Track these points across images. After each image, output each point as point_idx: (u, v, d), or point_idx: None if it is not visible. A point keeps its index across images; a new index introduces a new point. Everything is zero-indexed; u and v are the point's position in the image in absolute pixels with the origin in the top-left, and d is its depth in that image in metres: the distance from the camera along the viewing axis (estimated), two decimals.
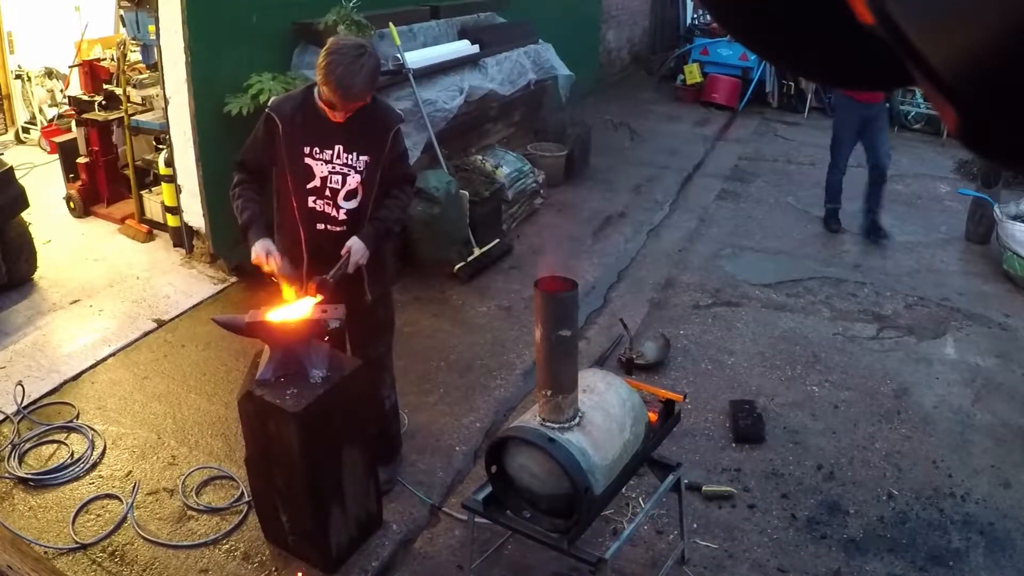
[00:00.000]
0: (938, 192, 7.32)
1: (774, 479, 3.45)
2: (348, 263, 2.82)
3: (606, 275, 5.31)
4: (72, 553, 2.90)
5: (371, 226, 2.91)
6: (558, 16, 8.23)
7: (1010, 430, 3.84)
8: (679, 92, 10.53)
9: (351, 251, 2.83)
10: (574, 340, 2.43)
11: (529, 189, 6.14)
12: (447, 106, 5.43)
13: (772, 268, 5.55)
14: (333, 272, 2.77)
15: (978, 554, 3.08)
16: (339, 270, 2.79)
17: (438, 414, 3.78)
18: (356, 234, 2.87)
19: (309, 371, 2.69)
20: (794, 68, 0.55)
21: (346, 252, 2.83)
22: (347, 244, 2.84)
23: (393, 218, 2.99)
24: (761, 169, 7.80)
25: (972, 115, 0.36)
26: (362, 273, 2.94)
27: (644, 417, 2.69)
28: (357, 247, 2.85)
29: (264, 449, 2.76)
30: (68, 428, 3.57)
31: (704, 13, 11.61)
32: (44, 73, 7.53)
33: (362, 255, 2.86)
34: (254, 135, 2.91)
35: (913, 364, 4.39)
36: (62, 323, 4.44)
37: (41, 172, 6.57)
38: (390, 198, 2.97)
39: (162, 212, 5.24)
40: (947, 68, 0.35)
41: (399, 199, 3.01)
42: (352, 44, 2.69)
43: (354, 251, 2.84)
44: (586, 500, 2.33)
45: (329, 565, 2.84)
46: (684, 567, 2.96)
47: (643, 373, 4.09)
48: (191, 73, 4.46)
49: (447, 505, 3.26)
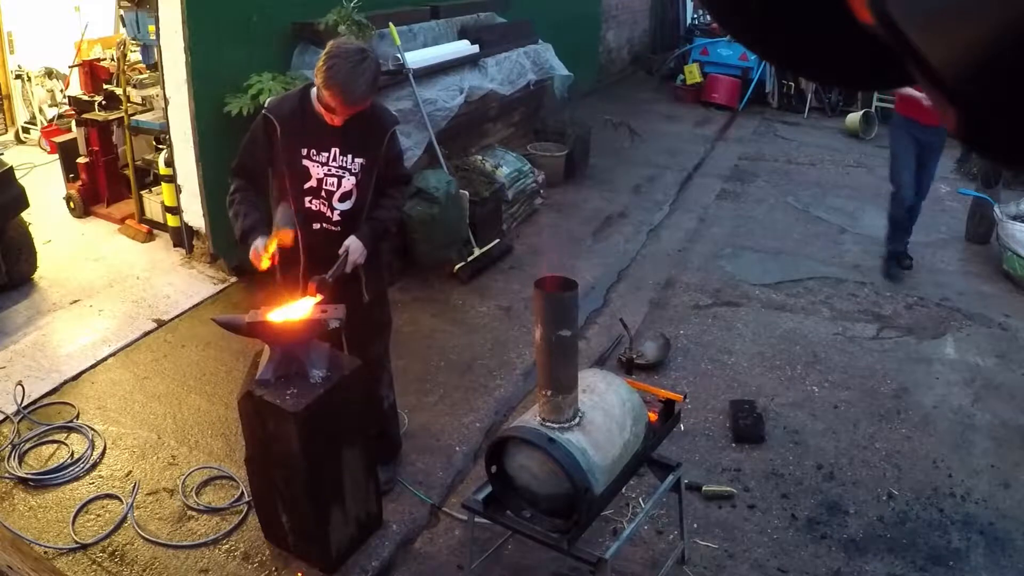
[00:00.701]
0: (938, 192, 7.30)
1: (774, 479, 3.45)
2: (346, 262, 2.82)
3: (606, 275, 5.31)
4: (72, 553, 2.90)
5: (368, 226, 2.92)
6: (558, 16, 8.22)
7: (1010, 430, 3.84)
8: (679, 92, 10.53)
9: (349, 250, 2.84)
10: (574, 340, 2.43)
11: (529, 189, 6.14)
12: (447, 106, 5.43)
13: (772, 268, 5.55)
14: (332, 272, 2.78)
15: (978, 554, 3.08)
16: (338, 269, 2.80)
17: (438, 414, 3.78)
18: (352, 234, 2.88)
19: (309, 371, 2.69)
20: (794, 68, 0.55)
21: (344, 252, 2.83)
22: (345, 244, 2.85)
23: (389, 217, 3.01)
24: (761, 169, 7.80)
25: (972, 115, 0.36)
26: (359, 273, 2.95)
27: (644, 417, 2.69)
28: (355, 246, 2.85)
29: (264, 449, 2.76)
30: (68, 428, 3.57)
31: (704, 13, 11.61)
32: (44, 73, 7.53)
33: (360, 254, 2.87)
34: (250, 138, 2.91)
35: (913, 364, 4.39)
36: (62, 323, 4.44)
37: (41, 172, 6.57)
38: (386, 197, 2.98)
39: (162, 212, 5.24)
40: (947, 68, 0.35)
41: (395, 199, 3.03)
42: (353, 49, 2.69)
43: (352, 250, 2.85)
44: (586, 500, 2.33)
45: (329, 565, 2.84)
46: (684, 567, 2.96)
47: (643, 373, 4.09)
48: (191, 73, 4.46)
49: (447, 505, 3.26)
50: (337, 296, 2.79)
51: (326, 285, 2.74)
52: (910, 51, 0.35)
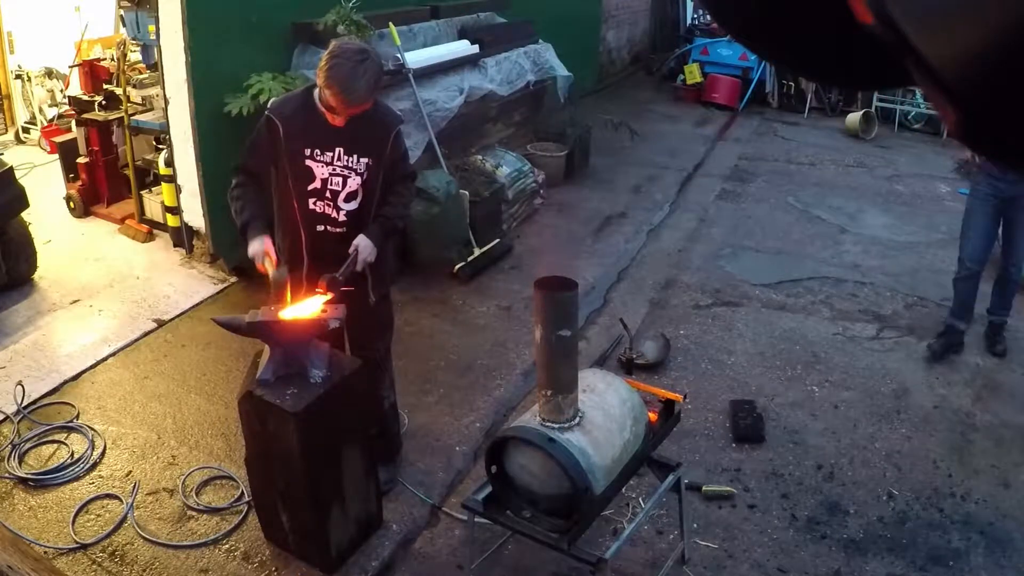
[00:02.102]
0: (938, 192, 7.32)
1: (774, 479, 3.45)
2: (357, 261, 2.82)
3: (606, 275, 5.31)
4: (72, 553, 2.90)
5: (376, 224, 2.91)
6: (558, 16, 8.23)
7: (1010, 430, 3.84)
8: (679, 92, 10.54)
9: (359, 249, 2.84)
10: (574, 340, 2.43)
11: (529, 189, 6.14)
12: (447, 106, 5.43)
13: (772, 268, 5.55)
14: (343, 270, 2.77)
15: (978, 554, 3.08)
16: (348, 268, 2.80)
17: (438, 414, 3.78)
18: (359, 233, 2.87)
19: (309, 371, 2.69)
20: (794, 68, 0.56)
21: (354, 250, 2.83)
22: (355, 242, 2.84)
23: (397, 215, 3.00)
24: (761, 169, 7.80)
25: (972, 114, 0.36)
26: (366, 273, 2.94)
27: (644, 417, 2.69)
28: (365, 244, 2.85)
29: (264, 449, 2.76)
30: (68, 428, 3.57)
31: (704, 13, 11.61)
32: (44, 73, 7.54)
33: (370, 252, 2.86)
34: (253, 138, 2.91)
35: (913, 364, 4.39)
36: (62, 323, 4.44)
37: (41, 172, 6.57)
38: (393, 195, 2.98)
39: (162, 212, 5.24)
40: (947, 68, 0.35)
41: (402, 196, 3.02)
42: (354, 49, 2.68)
43: (362, 248, 2.84)
44: (586, 500, 2.33)
45: (329, 565, 2.84)
46: (684, 567, 2.96)
47: (643, 373, 4.09)
48: (191, 73, 4.46)
49: (447, 505, 3.26)
50: (344, 296, 2.79)
51: (336, 284, 2.74)
52: (910, 51, 0.36)
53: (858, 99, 9.76)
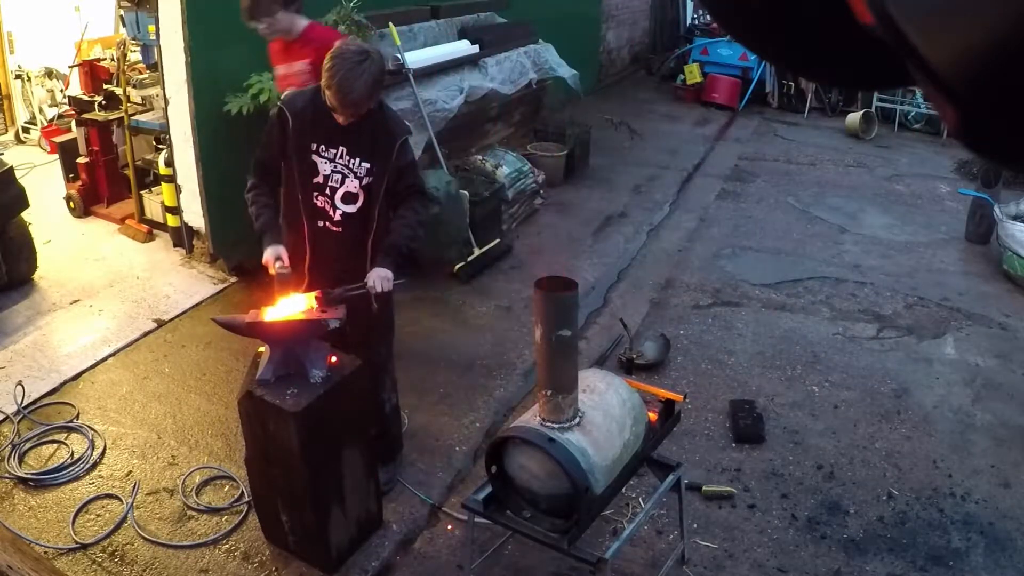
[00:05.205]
0: (938, 192, 7.32)
1: (774, 479, 3.45)
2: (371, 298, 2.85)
3: (606, 275, 5.31)
4: (72, 553, 2.90)
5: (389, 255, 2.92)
6: (558, 16, 8.22)
7: (1010, 430, 3.84)
8: (679, 92, 10.54)
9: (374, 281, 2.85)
10: (574, 340, 2.43)
11: (529, 189, 6.13)
12: (447, 106, 5.43)
13: (772, 268, 5.55)
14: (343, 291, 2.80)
15: (978, 554, 3.08)
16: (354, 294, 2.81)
17: (438, 414, 3.78)
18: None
19: (309, 371, 2.69)
20: (794, 68, 0.55)
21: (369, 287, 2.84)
22: (369, 274, 2.86)
23: (409, 237, 2.99)
24: (761, 169, 7.80)
25: (972, 114, 0.36)
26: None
27: (644, 417, 2.69)
28: (379, 277, 2.86)
29: (264, 449, 2.76)
30: (68, 428, 3.57)
31: (704, 13, 11.61)
32: (44, 73, 7.53)
33: (384, 283, 2.88)
34: (267, 129, 2.96)
35: (913, 364, 4.39)
36: (62, 323, 4.43)
37: (41, 172, 6.57)
38: (405, 211, 2.97)
39: (162, 212, 5.24)
40: (947, 68, 0.35)
41: (415, 214, 2.99)
42: (355, 50, 2.71)
43: (376, 281, 2.85)
44: (586, 500, 2.33)
45: (329, 565, 2.84)
46: (684, 567, 2.96)
47: (643, 373, 4.09)
48: (191, 73, 4.46)
49: (447, 505, 3.26)
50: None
51: (331, 301, 2.76)
52: (910, 51, 0.36)
53: (858, 99, 9.76)
